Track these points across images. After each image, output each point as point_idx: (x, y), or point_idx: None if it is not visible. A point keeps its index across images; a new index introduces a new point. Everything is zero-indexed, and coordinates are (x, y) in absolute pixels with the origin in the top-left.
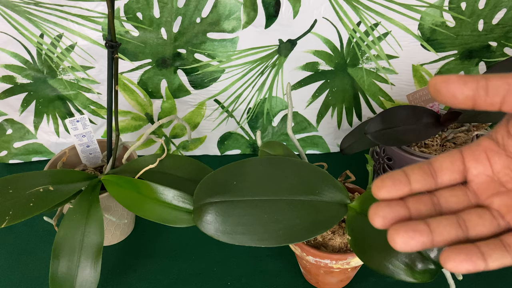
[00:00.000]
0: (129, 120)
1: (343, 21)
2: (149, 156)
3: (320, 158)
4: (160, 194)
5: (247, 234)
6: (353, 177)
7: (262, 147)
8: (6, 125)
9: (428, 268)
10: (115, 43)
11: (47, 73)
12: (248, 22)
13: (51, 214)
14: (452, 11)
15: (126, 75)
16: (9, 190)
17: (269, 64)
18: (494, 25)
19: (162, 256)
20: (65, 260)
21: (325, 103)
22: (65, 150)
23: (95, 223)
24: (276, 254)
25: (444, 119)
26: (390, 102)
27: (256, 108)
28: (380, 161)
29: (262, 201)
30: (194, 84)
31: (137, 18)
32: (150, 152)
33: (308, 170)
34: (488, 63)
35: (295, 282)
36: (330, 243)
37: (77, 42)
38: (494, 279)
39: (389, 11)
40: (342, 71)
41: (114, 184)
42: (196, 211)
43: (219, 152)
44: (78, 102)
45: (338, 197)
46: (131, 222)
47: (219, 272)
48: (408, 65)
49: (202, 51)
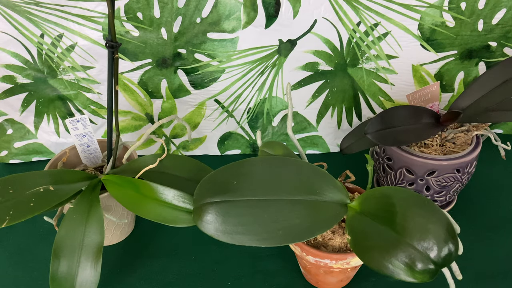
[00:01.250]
0: (129, 120)
1: (343, 21)
2: (149, 156)
3: (320, 158)
4: (160, 194)
5: (247, 234)
6: (353, 177)
7: (262, 147)
8: (7, 125)
9: (428, 268)
10: (115, 43)
11: (47, 73)
12: (248, 22)
13: (52, 214)
14: (452, 11)
15: (126, 75)
16: (9, 190)
17: (269, 64)
18: (494, 25)
19: (162, 256)
20: (65, 260)
21: (325, 103)
22: (65, 150)
23: (95, 223)
24: (276, 254)
25: (444, 119)
26: (390, 102)
27: (256, 108)
28: (380, 161)
29: (262, 201)
30: (194, 84)
31: (137, 18)
32: (150, 152)
33: (308, 170)
34: (488, 63)
35: (295, 282)
36: (330, 243)
37: (77, 42)
38: (494, 279)
39: (389, 11)
40: (342, 71)
41: (115, 184)
42: (196, 211)
43: (219, 152)
44: (79, 102)
45: (338, 197)
46: (131, 222)
47: (219, 272)
48: (408, 65)
49: (202, 51)
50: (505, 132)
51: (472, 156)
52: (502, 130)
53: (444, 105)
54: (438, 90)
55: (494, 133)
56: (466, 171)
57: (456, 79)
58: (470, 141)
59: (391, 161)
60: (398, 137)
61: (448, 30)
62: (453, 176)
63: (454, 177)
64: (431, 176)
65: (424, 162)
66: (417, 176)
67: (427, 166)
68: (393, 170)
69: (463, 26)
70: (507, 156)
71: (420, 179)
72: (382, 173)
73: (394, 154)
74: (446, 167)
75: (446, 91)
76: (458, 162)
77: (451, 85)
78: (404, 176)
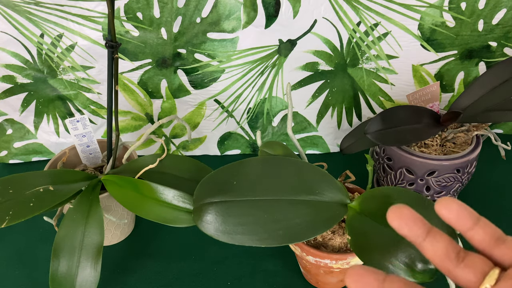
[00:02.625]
0: (129, 120)
1: (343, 21)
2: (149, 156)
3: (320, 158)
4: (160, 194)
5: (247, 234)
6: (353, 177)
7: (262, 147)
8: (6, 125)
9: (428, 268)
10: (115, 43)
11: (47, 73)
12: (248, 22)
13: (51, 214)
14: (452, 11)
15: (126, 75)
16: (9, 190)
17: (269, 64)
18: (494, 25)
19: (162, 256)
20: (65, 260)
21: (325, 103)
22: (65, 150)
23: (95, 223)
24: (276, 254)
25: (444, 119)
26: (390, 102)
27: (256, 108)
28: (380, 161)
29: (262, 201)
30: (194, 84)
31: (137, 18)
32: (150, 152)
33: (308, 170)
34: (488, 63)
35: (295, 282)
36: (330, 243)
37: (77, 42)
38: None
39: (389, 11)
40: (342, 71)
41: (114, 184)
42: (196, 211)
43: (219, 152)
44: (78, 102)
45: (338, 197)
46: (131, 222)
47: (219, 272)
48: (408, 65)
49: (202, 51)
50: (505, 132)
51: (472, 156)
52: (502, 130)
53: (444, 105)
54: (438, 90)
55: (494, 133)
56: (466, 171)
57: (456, 79)
58: (470, 141)
59: (391, 161)
60: (398, 137)
61: (448, 30)
62: (453, 176)
63: (454, 177)
64: (431, 176)
65: (424, 162)
66: (417, 176)
67: (427, 166)
68: (393, 170)
69: (463, 26)
70: (507, 156)
71: (420, 179)
72: (382, 173)
73: (394, 154)
74: (446, 167)
75: (446, 91)
76: (458, 162)
77: (451, 85)
78: (404, 176)
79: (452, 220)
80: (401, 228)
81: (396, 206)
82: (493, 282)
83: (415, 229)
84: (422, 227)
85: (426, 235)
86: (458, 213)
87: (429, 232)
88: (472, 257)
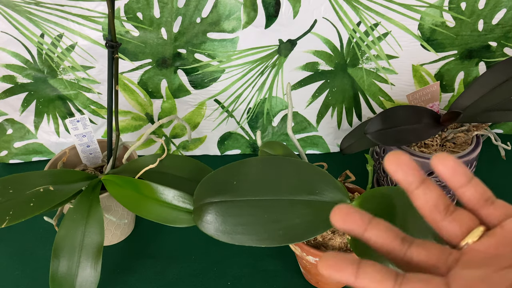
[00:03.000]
0: (129, 120)
1: (343, 21)
2: (149, 156)
3: (320, 158)
4: (160, 194)
5: (247, 234)
6: (353, 177)
7: (262, 147)
8: (7, 125)
9: None
10: (115, 43)
11: (47, 73)
12: (248, 22)
13: (52, 214)
14: (452, 11)
15: (126, 75)
16: (9, 190)
17: (269, 64)
18: (494, 25)
19: (162, 256)
20: (65, 260)
21: (325, 103)
22: (65, 150)
23: (95, 223)
24: (276, 254)
25: (444, 119)
26: (390, 102)
27: (256, 108)
28: (380, 161)
29: (262, 201)
30: (194, 84)
31: (137, 18)
32: (150, 152)
33: (308, 170)
34: (488, 63)
35: (295, 282)
36: (330, 243)
37: (77, 42)
38: None
39: (389, 11)
40: (342, 71)
41: (114, 184)
42: (196, 211)
43: (219, 152)
44: (79, 102)
45: (338, 197)
46: (131, 222)
47: (219, 272)
48: (408, 65)
49: (202, 51)
50: (505, 132)
51: (472, 156)
52: (502, 130)
53: (444, 105)
54: (438, 90)
55: (494, 133)
56: None
57: (456, 79)
58: (470, 141)
59: None
60: (398, 137)
61: (448, 30)
62: None
63: None
64: (431, 176)
65: (424, 162)
66: None
67: (427, 166)
68: None
69: (463, 26)
70: (507, 156)
71: None
72: (382, 173)
73: None
74: None
75: (446, 91)
76: None
77: (451, 85)
78: None
79: (447, 175)
80: (396, 173)
81: (395, 152)
82: (476, 239)
83: (410, 176)
84: (417, 175)
85: (419, 184)
86: (454, 169)
87: (423, 182)
88: (460, 213)
